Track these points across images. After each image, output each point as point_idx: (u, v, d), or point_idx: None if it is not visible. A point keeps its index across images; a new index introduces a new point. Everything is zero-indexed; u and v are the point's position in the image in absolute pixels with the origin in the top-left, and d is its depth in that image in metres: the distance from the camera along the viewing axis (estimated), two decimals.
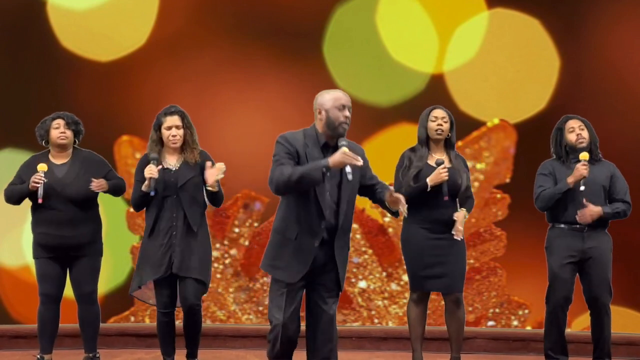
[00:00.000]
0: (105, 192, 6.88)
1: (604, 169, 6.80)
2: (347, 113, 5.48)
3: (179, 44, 8.97)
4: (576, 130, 6.80)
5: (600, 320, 6.77)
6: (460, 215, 6.58)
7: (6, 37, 8.97)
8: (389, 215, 8.86)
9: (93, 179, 6.79)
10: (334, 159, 5.30)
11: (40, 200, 6.66)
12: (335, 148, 5.43)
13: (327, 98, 5.51)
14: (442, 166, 6.50)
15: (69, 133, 6.87)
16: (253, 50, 8.92)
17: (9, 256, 8.89)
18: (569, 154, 6.81)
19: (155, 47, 8.96)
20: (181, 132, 6.55)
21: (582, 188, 6.62)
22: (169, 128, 6.56)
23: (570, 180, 6.66)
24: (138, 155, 8.90)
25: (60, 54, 8.95)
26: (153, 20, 8.97)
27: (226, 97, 8.89)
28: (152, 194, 6.43)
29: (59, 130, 6.84)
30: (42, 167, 6.73)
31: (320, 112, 5.49)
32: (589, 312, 6.87)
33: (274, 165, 5.41)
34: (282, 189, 5.38)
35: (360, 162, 5.32)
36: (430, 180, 6.50)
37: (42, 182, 6.66)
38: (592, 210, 6.64)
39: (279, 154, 5.42)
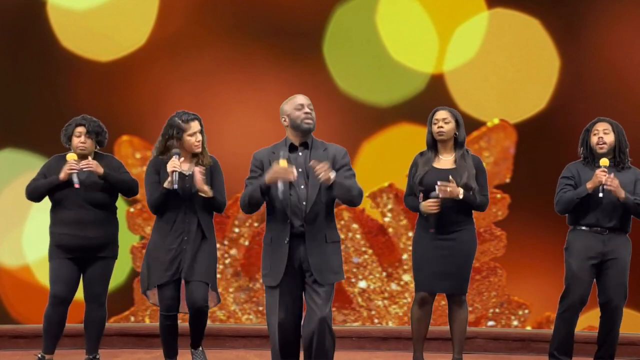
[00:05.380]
0: (107, 181, 6.81)
1: (630, 175, 6.73)
2: (307, 110, 5.78)
3: (179, 44, 8.97)
4: (599, 134, 6.76)
5: (611, 322, 6.74)
6: (453, 185, 6.47)
7: (6, 37, 8.97)
8: (389, 215, 8.89)
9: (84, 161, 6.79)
10: (268, 175, 5.67)
11: (77, 186, 6.65)
12: (304, 147, 5.78)
13: (287, 105, 5.87)
14: (434, 200, 6.47)
15: (89, 143, 6.84)
16: (253, 50, 8.92)
17: (9, 256, 8.89)
18: (594, 157, 6.75)
19: (155, 47, 8.96)
20: (201, 137, 6.58)
21: (600, 195, 6.56)
22: (193, 134, 6.56)
23: (589, 185, 6.60)
24: (138, 155, 8.90)
25: (60, 54, 8.95)
26: (153, 20, 8.97)
27: (226, 97, 8.89)
28: (175, 187, 6.39)
29: (79, 140, 6.83)
30: (72, 156, 6.75)
31: (285, 120, 5.84)
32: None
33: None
34: (245, 210, 5.85)
35: (292, 177, 5.61)
36: (422, 207, 6.53)
37: (76, 169, 6.66)
38: (618, 186, 6.55)
39: (250, 174, 5.89)
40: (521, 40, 8.87)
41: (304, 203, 5.70)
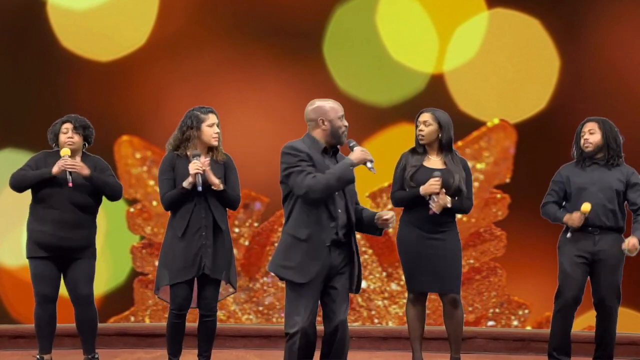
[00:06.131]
0: (92, 183, 6.73)
1: (619, 173, 6.75)
2: (345, 122, 5.74)
3: (179, 44, 8.97)
4: (585, 135, 6.79)
5: (605, 323, 6.76)
6: (443, 195, 6.50)
7: (6, 37, 8.98)
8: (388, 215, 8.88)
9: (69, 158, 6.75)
10: (355, 156, 5.60)
11: (70, 184, 6.61)
12: (334, 152, 5.71)
13: (328, 108, 5.70)
14: (436, 178, 6.49)
15: (76, 138, 6.83)
16: (253, 50, 8.92)
17: (9, 256, 8.89)
18: (584, 158, 6.79)
19: (155, 47, 8.96)
20: (218, 130, 6.59)
21: (568, 235, 6.72)
22: (212, 125, 6.56)
23: (566, 219, 6.71)
24: (138, 155, 8.91)
25: (60, 54, 8.95)
26: (153, 20, 8.97)
27: (226, 97, 8.89)
28: (200, 189, 6.37)
29: (66, 135, 6.82)
30: (65, 152, 6.71)
31: (323, 123, 5.68)
32: (589, 312, 6.88)
33: (296, 175, 5.54)
34: (321, 195, 5.53)
35: (372, 159, 5.63)
36: (422, 189, 6.51)
37: (71, 167, 6.63)
38: (635, 243, 6.62)
39: (294, 163, 5.58)
40: (521, 40, 8.88)
41: (339, 211, 5.61)
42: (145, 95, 8.97)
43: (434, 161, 6.65)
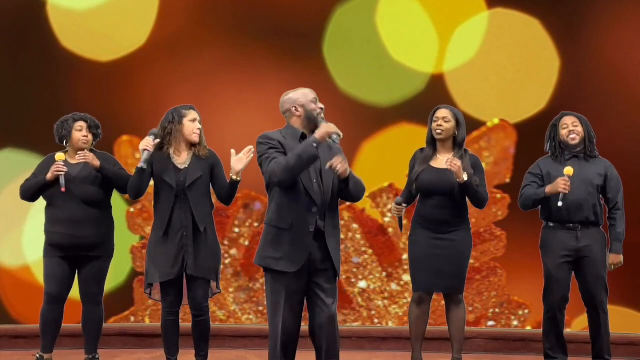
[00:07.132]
0: (103, 175, 6.77)
1: (597, 166, 6.77)
2: (321, 105, 5.68)
3: (179, 44, 8.98)
4: (569, 127, 6.79)
5: (597, 319, 6.77)
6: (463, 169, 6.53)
7: (6, 37, 8.98)
8: (389, 215, 8.88)
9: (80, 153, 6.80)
10: (319, 131, 5.49)
11: (63, 189, 6.65)
12: None
13: (298, 95, 5.70)
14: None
15: (90, 137, 6.87)
16: (253, 50, 8.92)
17: (9, 256, 8.89)
18: (563, 150, 6.80)
19: (155, 47, 8.97)
20: (200, 126, 6.59)
21: (560, 204, 6.59)
22: (193, 120, 6.58)
23: (548, 190, 6.67)
24: (138, 155, 8.89)
25: (60, 54, 8.95)
26: (153, 20, 8.98)
27: (226, 97, 8.89)
28: (142, 165, 6.39)
29: (81, 134, 6.84)
30: (60, 156, 6.75)
31: (297, 109, 5.66)
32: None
33: (265, 162, 5.55)
34: (282, 177, 5.47)
35: (341, 134, 5.50)
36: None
37: (63, 171, 6.67)
38: (617, 259, 6.72)
39: (264, 151, 5.58)
40: (521, 40, 8.88)
41: (320, 190, 5.55)
42: (145, 95, 8.97)
43: (442, 160, 6.63)
